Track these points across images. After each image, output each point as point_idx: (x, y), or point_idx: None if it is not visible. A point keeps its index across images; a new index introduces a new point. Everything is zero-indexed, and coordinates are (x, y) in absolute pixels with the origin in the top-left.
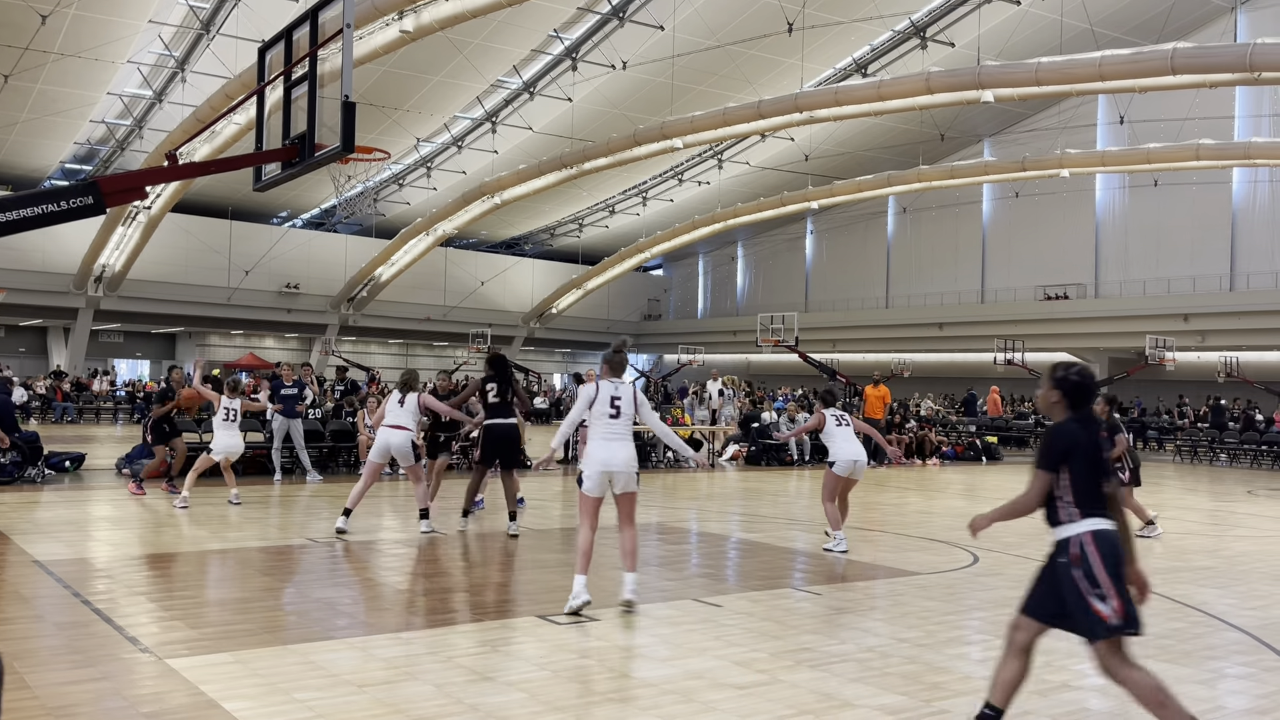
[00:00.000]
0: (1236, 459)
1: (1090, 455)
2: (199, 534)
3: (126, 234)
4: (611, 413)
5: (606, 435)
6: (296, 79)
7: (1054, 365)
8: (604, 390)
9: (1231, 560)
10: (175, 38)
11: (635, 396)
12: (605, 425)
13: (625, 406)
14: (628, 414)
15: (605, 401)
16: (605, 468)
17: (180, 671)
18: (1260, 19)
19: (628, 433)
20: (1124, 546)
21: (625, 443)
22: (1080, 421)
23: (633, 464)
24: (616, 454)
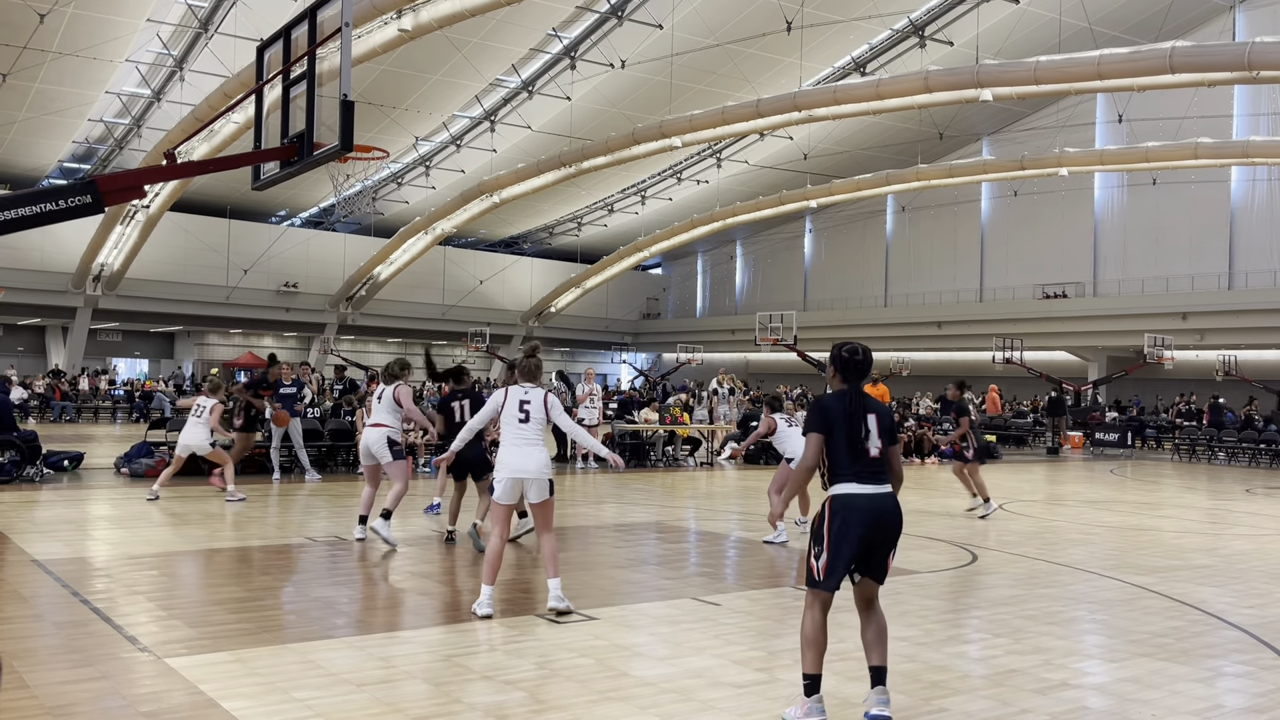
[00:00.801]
0: (1235, 458)
1: (845, 425)
2: (198, 533)
3: (125, 233)
4: (520, 417)
5: (516, 441)
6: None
7: (834, 345)
8: (513, 395)
9: (1230, 559)
10: (173, 36)
11: (546, 401)
12: (515, 430)
13: (535, 411)
14: (538, 419)
15: (514, 406)
16: (515, 474)
17: (179, 670)
18: (1258, 18)
19: (539, 438)
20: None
21: (536, 448)
22: (840, 395)
23: (545, 470)
24: (527, 460)
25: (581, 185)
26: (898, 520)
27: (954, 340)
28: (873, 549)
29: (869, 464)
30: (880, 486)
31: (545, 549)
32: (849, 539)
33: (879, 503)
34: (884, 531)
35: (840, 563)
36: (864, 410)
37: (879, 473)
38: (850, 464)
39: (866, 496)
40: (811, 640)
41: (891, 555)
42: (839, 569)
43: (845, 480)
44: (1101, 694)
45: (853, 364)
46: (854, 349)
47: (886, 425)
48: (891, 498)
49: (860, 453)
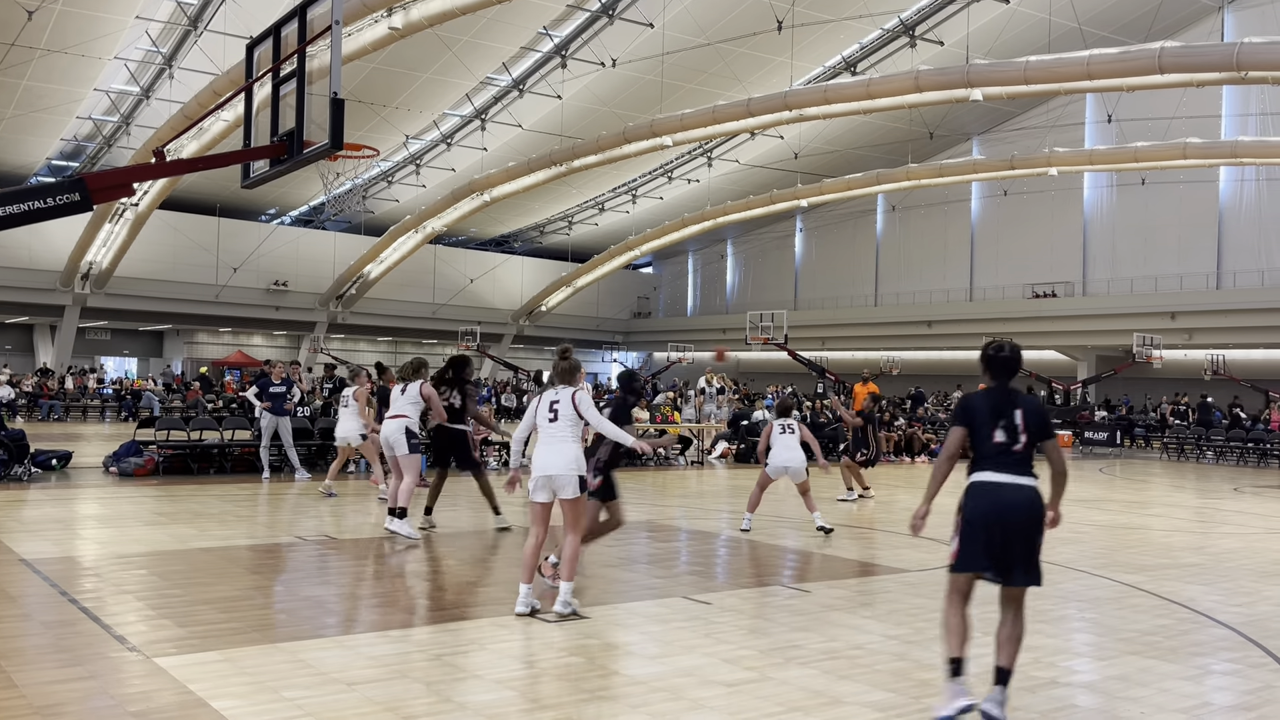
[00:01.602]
0: (1223, 456)
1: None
2: (187, 532)
3: (114, 231)
4: (550, 417)
5: (546, 439)
6: (285, 76)
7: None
8: (545, 397)
9: (1218, 557)
10: (163, 34)
11: (574, 398)
12: (545, 430)
13: (564, 409)
14: (567, 416)
15: (545, 407)
16: (544, 471)
17: (168, 670)
18: (1247, 18)
19: (569, 435)
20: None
21: (566, 444)
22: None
23: (573, 467)
24: (556, 457)
25: (572, 184)
26: (1032, 512)
27: (944, 340)
28: (1007, 540)
29: (1010, 455)
30: (1018, 478)
31: (565, 549)
32: (977, 525)
33: (1012, 493)
34: (1015, 521)
35: (971, 549)
36: (1011, 405)
37: (1019, 464)
38: (989, 454)
39: (999, 485)
40: (950, 626)
41: (1033, 552)
42: (968, 554)
43: (982, 469)
44: (1090, 692)
45: (998, 360)
46: (1000, 345)
47: (1035, 420)
48: (1029, 490)
49: (1002, 445)
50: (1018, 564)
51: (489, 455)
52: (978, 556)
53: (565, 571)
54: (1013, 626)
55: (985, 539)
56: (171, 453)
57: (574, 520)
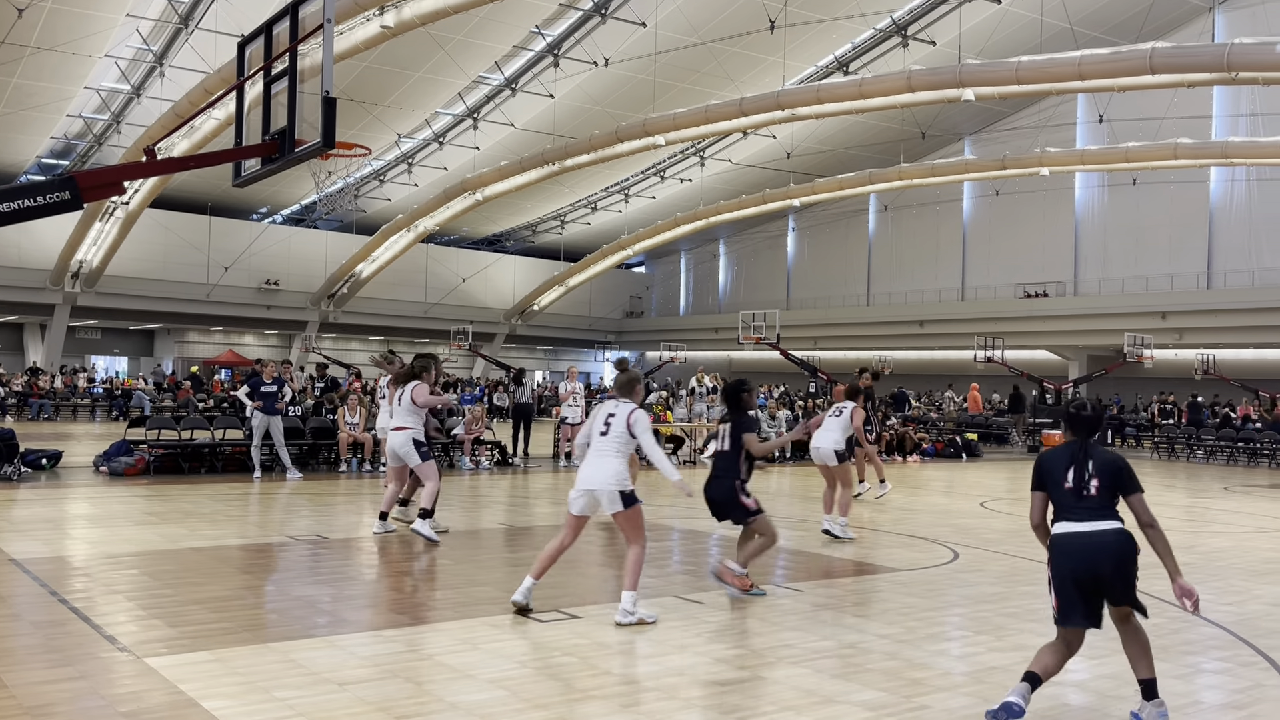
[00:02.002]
0: (1213, 455)
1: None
2: (177, 532)
3: (104, 230)
4: (602, 430)
5: (592, 453)
6: (276, 74)
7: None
8: (603, 408)
9: (1208, 556)
10: (153, 32)
11: (629, 417)
12: (595, 442)
13: (617, 425)
14: (618, 433)
15: (600, 419)
16: (584, 485)
17: (159, 670)
18: (1237, 19)
19: (614, 450)
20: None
21: (608, 460)
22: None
23: (612, 482)
24: (596, 472)
25: (564, 183)
26: (1113, 554)
27: (936, 339)
28: (1099, 583)
29: (1085, 503)
30: (1096, 524)
31: (628, 560)
32: (1063, 577)
33: (1090, 540)
34: (1098, 567)
35: (1065, 600)
36: (1086, 459)
37: (1096, 510)
38: (1066, 506)
39: (1076, 534)
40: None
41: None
42: (1066, 607)
43: (1060, 520)
44: (1081, 691)
45: (1078, 419)
46: (1081, 404)
47: (1108, 470)
48: (1109, 534)
49: (1076, 495)
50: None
51: (481, 454)
52: (1074, 612)
53: (628, 580)
54: (1133, 640)
55: (1078, 589)
56: (162, 452)
57: (630, 532)
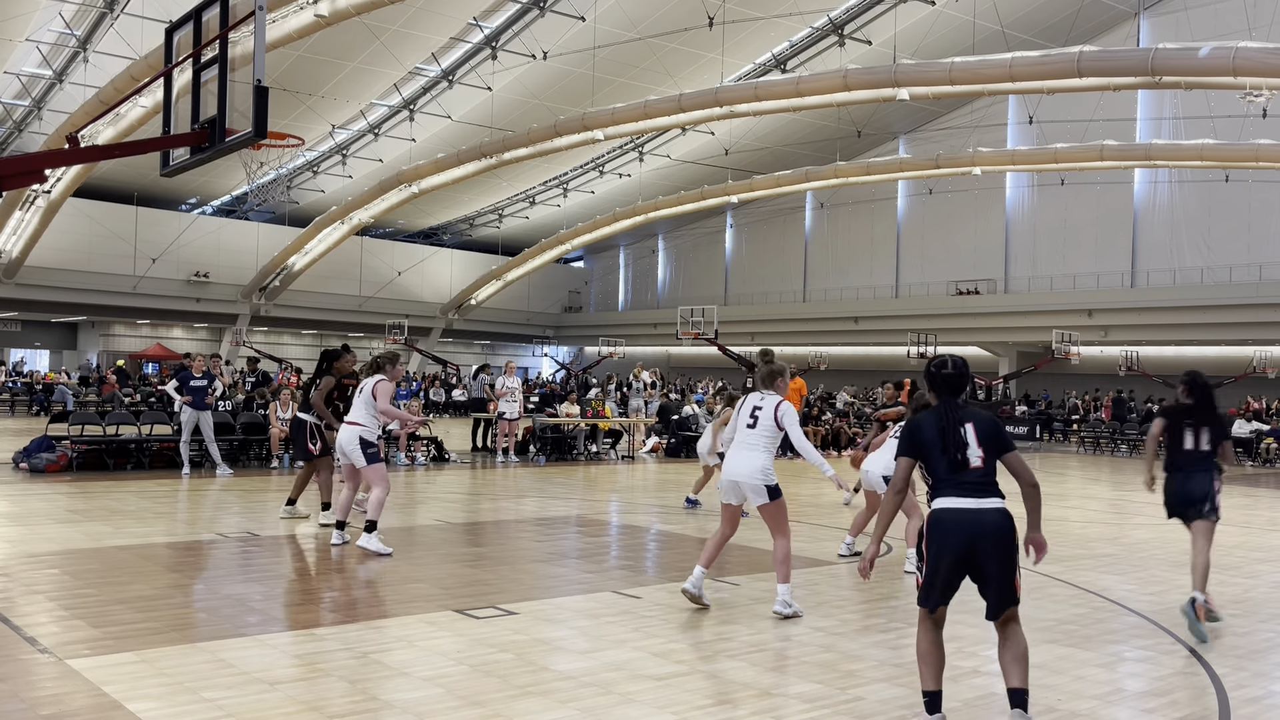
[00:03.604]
0: (1137, 450)
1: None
2: (102, 530)
3: (24, 219)
4: (749, 422)
5: (738, 445)
6: (206, 61)
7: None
8: (749, 400)
9: (1131, 548)
10: (77, 16)
11: (777, 409)
12: (741, 434)
13: (764, 418)
14: (766, 425)
15: (747, 411)
16: (730, 476)
17: (81, 672)
18: (1161, 24)
19: (760, 444)
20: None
21: (755, 453)
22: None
23: (759, 476)
24: (741, 465)
25: (502, 176)
26: (1001, 534)
27: (870, 335)
28: (977, 566)
29: (969, 476)
30: (982, 500)
31: (776, 552)
32: (944, 556)
33: (977, 518)
34: (984, 547)
35: (937, 580)
36: (959, 422)
37: (981, 485)
38: (947, 478)
39: (961, 511)
40: (923, 655)
41: (1009, 573)
42: (935, 586)
43: (942, 495)
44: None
45: (940, 377)
46: (942, 362)
47: (988, 432)
48: (996, 513)
49: (958, 465)
50: (991, 590)
51: (416, 450)
52: (947, 590)
53: (781, 573)
54: (1012, 646)
55: (955, 570)
56: (86, 448)
57: (774, 525)
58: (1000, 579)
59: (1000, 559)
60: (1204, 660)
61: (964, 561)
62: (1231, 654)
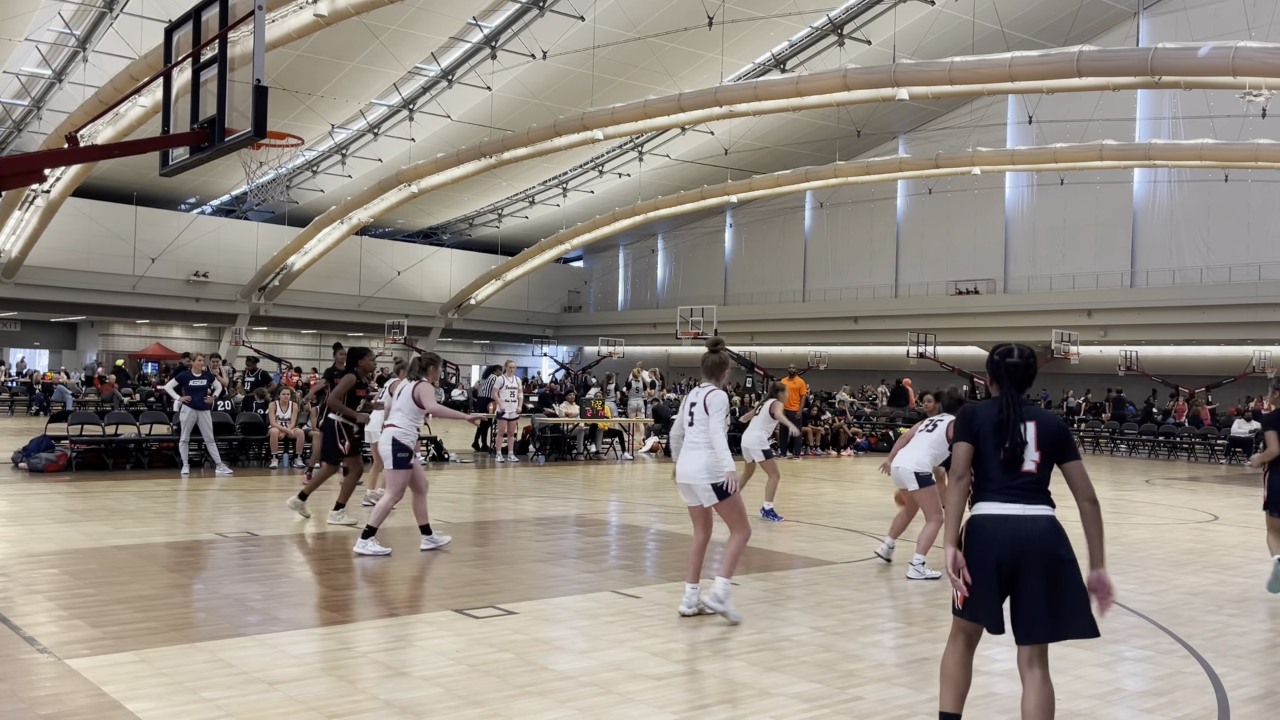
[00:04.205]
0: (1135, 449)
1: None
2: (101, 530)
3: (24, 218)
4: (688, 420)
5: (685, 445)
6: (205, 61)
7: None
8: (689, 397)
9: (1130, 547)
10: (76, 15)
11: (706, 400)
12: (686, 433)
13: (699, 412)
14: (701, 420)
15: (685, 409)
16: (679, 479)
17: (81, 672)
18: (1161, 24)
19: (700, 441)
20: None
21: (697, 451)
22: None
23: (704, 474)
24: (686, 465)
25: (502, 176)
26: (1045, 548)
27: (870, 335)
28: (1015, 582)
29: (1018, 481)
30: (1029, 507)
31: (729, 545)
32: (984, 569)
33: (1019, 526)
34: (1023, 560)
35: (978, 592)
36: (1019, 418)
37: (1030, 491)
38: (994, 481)
39: (1003, 518)
40: (946, 673)
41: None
42: (975, 599)
43: (985, 499)
44: (1009, 679)
45: (1005, 366)
46: (1008, 350)
47: (1051, 435)
48: (1042, 521)
49: (1009, 466)
50: (1039, 613)
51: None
52: (981, 605)
53: (725, 568)
54: (1036, 693)
55: (996, 582)
56: (85, 448)
57: (731, 521)
58: (1053, 605)
59: (1051, 573)
60: (1204, 660)
61: (1007, 576)
62: (1231, 654)
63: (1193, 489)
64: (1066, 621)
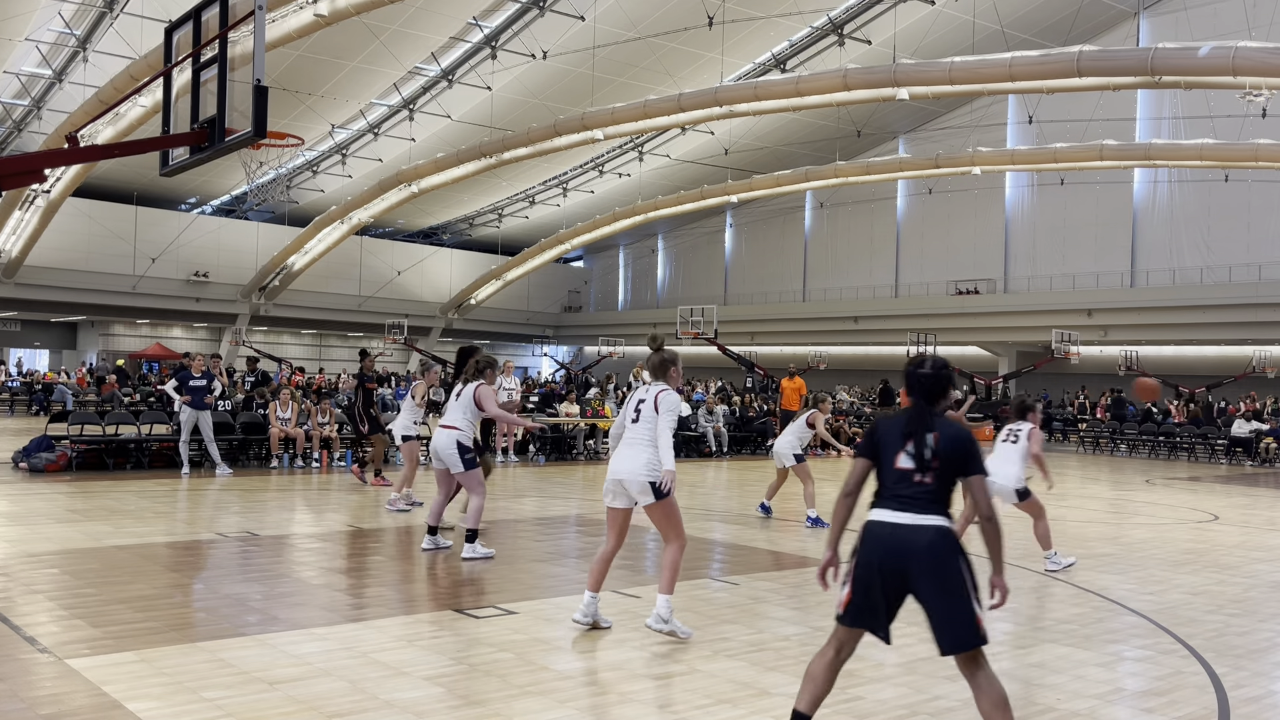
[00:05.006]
0: (1135, 449)
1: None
2: (101, 529)
3: (24, 218)
4: (633, 417)
5: (625, 440)
6: (206, 61)
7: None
8: (633, 394)
9: (1130, 547)
10: (76, 15)
11: (656, 399)
12: (627, 431)
13: (646, 410)
14: (648, 418)
15: (631, 406)
16: (613, 475)
17: (81, 672)
18: (1161, 24)
19: (645, 438)
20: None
21: (636, 449)
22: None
23: (642, 473)
24: (623, 462)
25: (502, 176)
26: (937, 555)
27: (870, 335)
28: (913, 591)
29: (911, 490)
30: (919, 516)
31: (664, 557)
32: (866, 574)
33: (907, 535)
34: (915, 569)
35: (857, 598)
36: (925, 429)
37: (923, 501)
38: (888, 489)
39: (892, 526)
40: (810, 674)
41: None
42: (855, 606)
43: (879, 505)
44: (1009, 679)
45: (915, 378)
46: (920, 361)
47: (950, 449)
48: (930, 531)
49: (904, 476)
50: (935, 620)
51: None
52: (864, 612)
53: (663, 582)
54: (987, 694)
55: (875, 594)
56: (85, 448)
57: (664, 528)
58: (948, 609)
59: (940, 584)
60: (1204, 660)
61: (891, 585)
62: (1231, 654)
63: (1193, 489)
64: (948, 633)
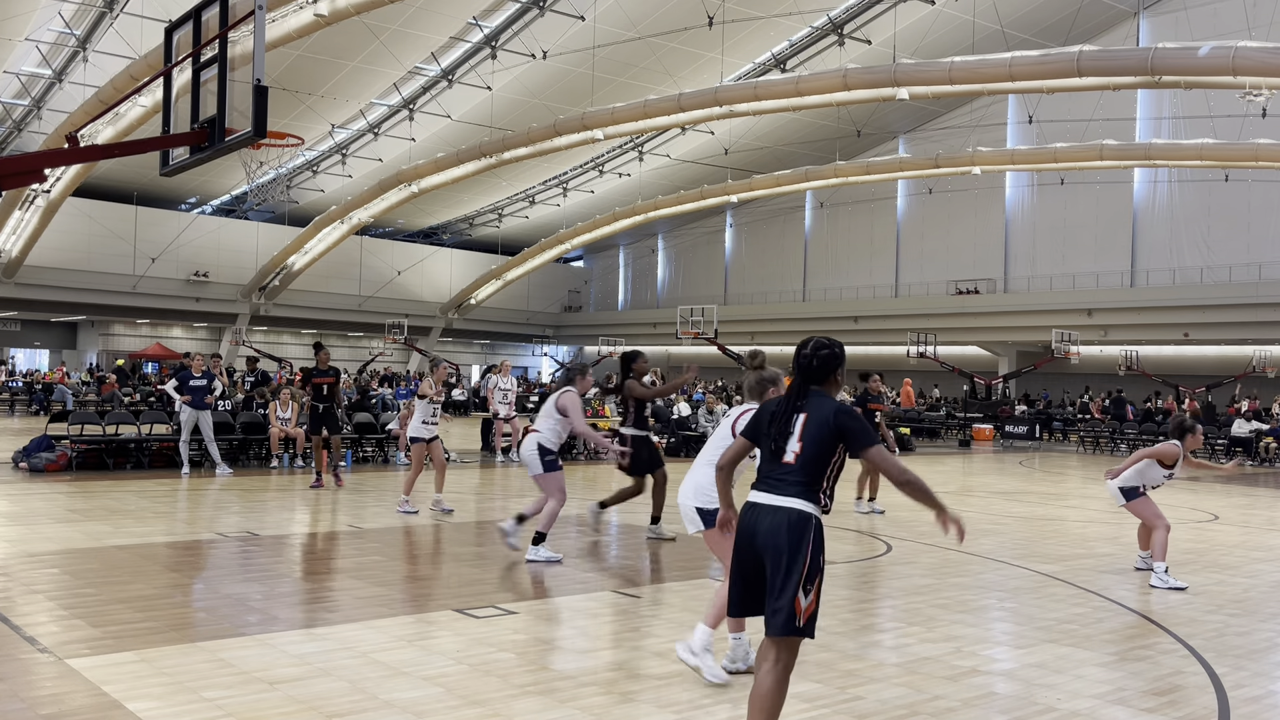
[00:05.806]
0: (1136, 449)
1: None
2: (101, 529)
3: (24, 218)
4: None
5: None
6: (206, 61)
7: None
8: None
9: (1131, 547)
10: (76, 15)
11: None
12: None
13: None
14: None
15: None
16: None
17: (81, 672)
18: (1161, 24)
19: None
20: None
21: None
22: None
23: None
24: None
25: (502, 176)
26: (778, 535)
27: (870, 335)
28: (760, 575)
29: (776, 471)
30: (779, 498)
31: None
32: (735, 552)
33: (763, 516)
34: (760, 547)
35: (734, 578)
36: (795, 410)
37: (787, 483)
38: (761, 470)
39: (753, 506)
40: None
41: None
42: (733, 585)
43: (754, 486)
44: (1010, 679)
45: (799, 358)
46: (804, 342)
47: (820, 427)
48: (787, 514)
49: (772, 458)
50: (770, 605)
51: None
52: (741, 587)
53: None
54: (760, 686)
55: (741, 575)
56: (86, 448)
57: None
58: (780, 592)
59: (778, 565)
60: (1204, 660)
61: (751, 564)
62: (1231, 654)
63: (1193, 489)
64: (776, 617)
